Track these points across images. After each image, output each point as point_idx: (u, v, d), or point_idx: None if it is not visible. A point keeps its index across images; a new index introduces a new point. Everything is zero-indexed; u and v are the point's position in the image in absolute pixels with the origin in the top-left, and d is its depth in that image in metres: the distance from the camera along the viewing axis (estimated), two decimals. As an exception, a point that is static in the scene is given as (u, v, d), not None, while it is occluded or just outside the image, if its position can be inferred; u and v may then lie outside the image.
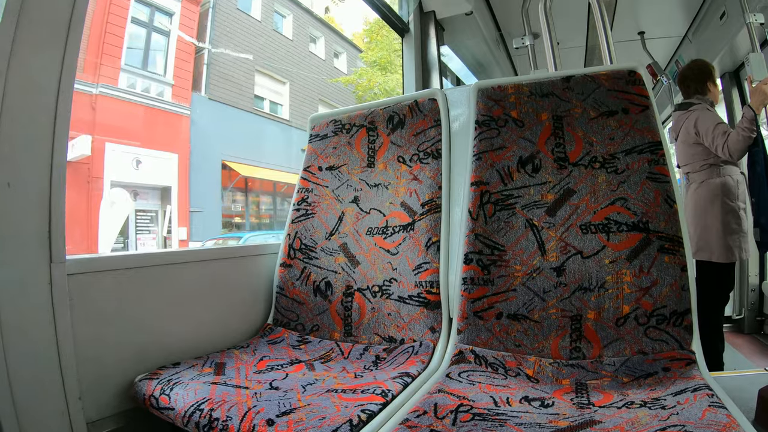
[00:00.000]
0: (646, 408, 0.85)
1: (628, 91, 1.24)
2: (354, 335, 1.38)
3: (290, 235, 1.56)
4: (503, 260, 1.23)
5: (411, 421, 0.82)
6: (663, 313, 1.08)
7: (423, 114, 1.48)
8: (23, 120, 0.94)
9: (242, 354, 1.28)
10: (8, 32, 0.90)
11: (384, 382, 1.02)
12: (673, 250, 1.11)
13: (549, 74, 1.35)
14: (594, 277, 1.14)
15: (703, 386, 0.88)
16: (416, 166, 1.45)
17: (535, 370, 1.10)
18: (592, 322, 1.12)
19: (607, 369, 1.06)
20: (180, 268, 1.29)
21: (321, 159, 1.62)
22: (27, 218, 0.95)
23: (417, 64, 2.68)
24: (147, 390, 1.05)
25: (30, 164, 0.96)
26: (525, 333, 1.17)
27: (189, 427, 0.93)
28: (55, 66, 0.99)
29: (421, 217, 1.39)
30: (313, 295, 1.47)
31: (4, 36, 0.89)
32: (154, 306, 1.22)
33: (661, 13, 3.35)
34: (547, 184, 1.25)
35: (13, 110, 0.92)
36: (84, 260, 1.08)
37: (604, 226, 1.17)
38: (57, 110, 0.99)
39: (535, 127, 1.30)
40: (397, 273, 1.36)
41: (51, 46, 0.98)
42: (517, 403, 0.93)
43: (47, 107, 0.98)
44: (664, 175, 1.16)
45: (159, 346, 1.22)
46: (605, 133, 1.24)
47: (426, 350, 1.22)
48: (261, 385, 1.05)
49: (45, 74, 0.97)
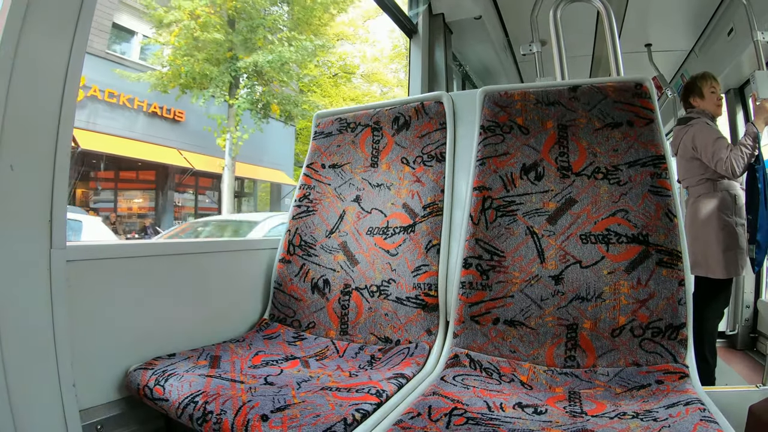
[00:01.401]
0: (638, 419, 0.85)
1: (634, 104, 1.25)
2: (350, 334, 1.38)
3: (290, 231, 1.56)
4: (502, 266, 1.23)
5: (405, 423, 0.82)
6: (659, 326, 1.08)
7: (429, 116, 1.48)
8: (29, 104, 0.94)
9: (238, 348, 1.28)
10: (18, 15, 0.90)
11: (379, 383, 1.03)
12: (672, 264, 1.11)
13: (556, 83, 1.35)
14: (592, 287, 1.15)
15: (696, 400, 0.89)
16: (419, 168, 1.45)
17: (529, 376, 1.10)
18: (588, 332, 1.12)
19: (600, 379, 1.06)
20: (179, 259, 1.29)
21: (324, 156, 1.62)
22: (29, 202, 0.95)
23: (424, 66, 2.68)
24: (141, 380, 1.05)
25: (34, 148, 0.95)
26: (521, 339, 1.17)
27: (182, 419, 0.94)
28: (64, 51, 0.98)
29: (423, 219, 1.39)
30: (311, 292, 1.47)
31: (14, 19, 0.89)
32: (152, 296, 1.22)
33: (669, 27, 3.35)
34: (550, 192, 1.26)
35: (20, 93, 0.92)
36: (84, 247, 1.08)
37: (604, 237, 1.17)
38: (64, 95, 0.99)
39: (540, 135, 1.31)
40: (395, 274, 1.37)
41: (60, 31, 0.97)
42: (511, 408, 0.93)
43: (54, 91, 0.97)
44: (665, 188, 1.17)
45: (155, 336, 1.22)
46: (609, 144, 1.24)
47: (422, 352, 1.22)
48: (256, 379, 1.05)
49: (53, 58, 0.97)
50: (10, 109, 0.90)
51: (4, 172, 0.90)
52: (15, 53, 0.90)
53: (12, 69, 0.90)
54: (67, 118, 1.00)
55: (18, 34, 0.90)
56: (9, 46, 0.89)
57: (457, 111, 1.50)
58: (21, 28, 0.91)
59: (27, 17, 0.91)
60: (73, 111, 1.01)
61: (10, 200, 0.92)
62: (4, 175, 0.90)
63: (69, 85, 0.99)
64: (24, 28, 0.91)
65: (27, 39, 0.92)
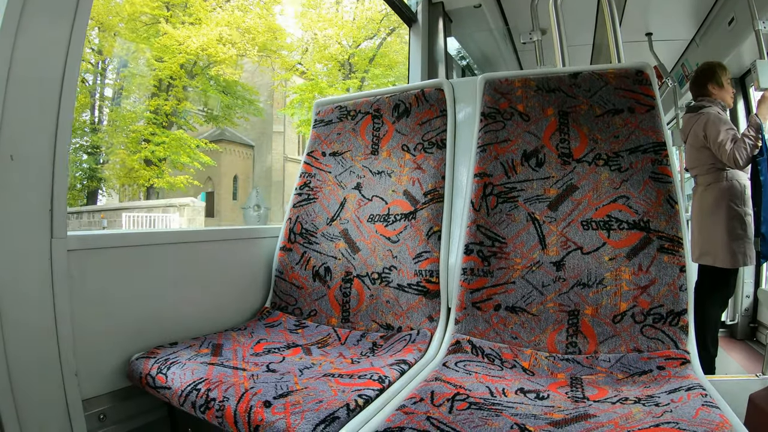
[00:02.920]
0: (640, 404, 0.85)
1: (635, 90, 1.24)
2: (351, 321, 1.38)
3: (291, 219, 1.56)
4: (503, 252, 1.24)
5: (408, 408, 0.83)
6: (660, 312, 1.08)
7: (429, 103, 1.48)
8: (29, 92, 0.93)
9: (239, 336, 1.28)
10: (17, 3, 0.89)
11: (381, 369, 1.03)
12: (673, 251, 1.11)
13: (557, 69, 1.35)
14: (593, 273, 1.15)
15: (697, 386, 0.89)
16: (420, 155, 1.45)
17: (530, 362, 1.11)
18: (589, 318, 1.13)
19: (602, 365, 1.07)
20: (180, 248, 1.29)
21: (325, 144, 1.61)
22: (29, 192, 0.95)
23: (423, 54, 2.67)
24: (144, 369, 1.05)
25: (34, 138, 0.95)
26: (522, 326, 1.17)
27: (185, 406, 0.94)
28: (63, 39, 0.98)
29: (423, 206, 1.39)
30: (312, 280, 1.47)
31: (14, 7, 0.89)
32: (153, 285, 1.22)
33: (669, 16, 3.34)
34: (551, 178, 1.25)
35: (20, 82, 0.91)
36: (85, 237, 1.08)
37: (605, 223, 1.17)
38: (63, 84, 0.98)
39: (541, 122, 1.30)
40: (397, 261, 1.37)
41: (60, 19, 0.97)
42: (513, 394, 0.93)
43: (54, 80, 0.97)
44: (666, 175, 1.17)
45: (156, 325, 1.22)
46: (610, 131, 1.24)
47: (423, 339, 1.22)
48: (258, 367, 1.05)
49: (53, 47, 0.96)
50: (9, 98, 0.90)
51: (4, 162, 0.90)
52: (14, 41, 0.90)
53: (11, 58, 0.90)
54: (67, 107, 0.99)
55: (17, 22, 0.90)
56: (8, 33, 0.89)
57: (457, 98, 1.49)
58: (20, 14, 0.90)
59: (26, 3, 0.91)
60: (73, 100, 1.01)
61: (10, 190, 0.91)
62: (4, 165, 0.90)
63: (69, 73, 0.99)
64: (23, 15, 0.90)
65: (27, 27, 0.91)
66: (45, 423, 0.97)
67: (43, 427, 0.97)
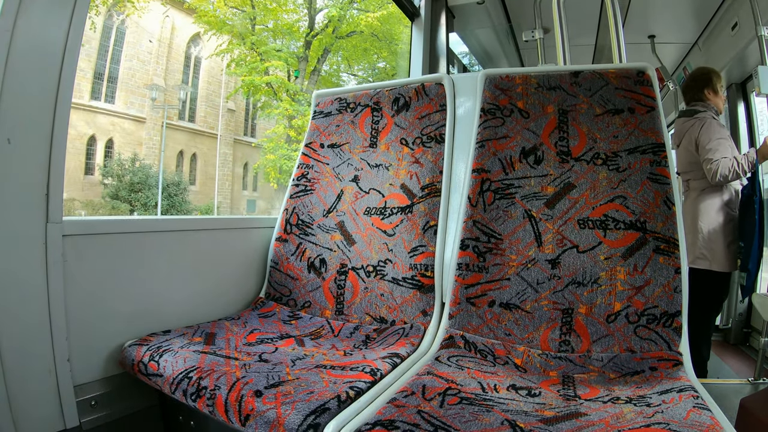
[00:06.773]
0: (632, 404, 0.85)
1: (636, 91, 1.24)
2: (345, 314, 1.38)
3: (287, 210, 1.56)
4: (499, 249, 1.23)
5: (399, 401, 0.83)
6: (654, 313, 1.08)
7: (429, 98, 1.48)
8: (27, 77, 0.93)
9: (233, 325, 1.28)
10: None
11: (373, 361, 1.03)
12: (669, 252, 1.11)
13: (558, 68, 1.35)
14: (588, 272, 1.15)
15: (689, 387, 0.89)
16: (418, 149, 1.45)
17: (523, 359, 1.11)
18: (583, 317, 1.13)
19: (594, 364, 1.07)
20: (176, 235, 1.29)
21: (323, 136, 1.61)
22: (25, 175, 0.95)
23: (425, 48, 2.66)
24: (136, 356, 1.05)
25: (32, 122, 0.95)
26: (516, 323, 1.17)
27: (176, 394, 0.94)
28: (63, 24, 0.97)
29: (420, 200, 1.38)
30: (307, 272, 1.47)
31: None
32: (148, 272, 1.22)
33: (673, 19, 3.33)
34: (548, 176, 1.25)
35: (19, 66, 0.91)
36: (80, 222, 1.07)
37: (601, 223, 1.17)
38: (62, 68, 0.98)
39: (540, 119, 1.30)
40: (392, 254, 1.37)
41: (60, 4, 0.96)
42: (505, 390, 0.94)
43: (53, 65, 0.97)
44: (665, 176, 1.17)
45: (150, 312, 1.22)
46: (609, 130, 1.24)
47: (417, 333, 1.22)
48: (250, 357, 1.05)
49: (52, 32, 0.96)
50: (7, 82, 0.90)
51: (1, 147, 0.89)
52: (13, 26, 0.90)
53: (10, 42, 0.89)
54: (65, 91, 0.99)
55: (17, 7, 0.89)
56: (7, 18, 0.88)
57: (457, 93, 1.49)
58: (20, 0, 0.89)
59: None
60: (71, 85, 1.00)
61: (5, 173, 0.91)
62: (0, 148, 0.89)
63: (68, 58, 0.99)
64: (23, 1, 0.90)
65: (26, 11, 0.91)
66: (36, 408, 0.97)
67: (35, 412, 0.97)
